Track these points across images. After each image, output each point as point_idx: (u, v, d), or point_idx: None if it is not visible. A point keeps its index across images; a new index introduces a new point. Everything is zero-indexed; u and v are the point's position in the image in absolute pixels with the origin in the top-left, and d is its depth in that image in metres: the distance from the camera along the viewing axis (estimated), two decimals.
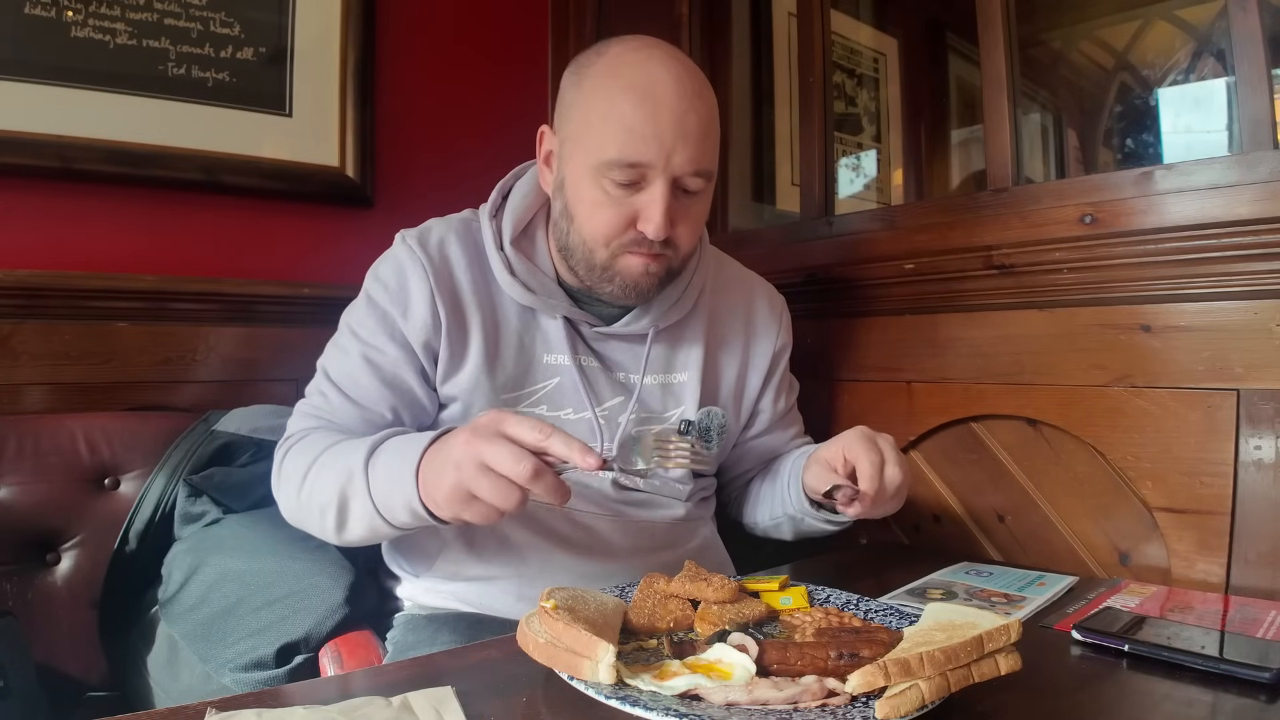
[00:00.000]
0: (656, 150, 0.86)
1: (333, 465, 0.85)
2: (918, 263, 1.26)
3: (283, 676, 0.92)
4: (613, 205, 0.90)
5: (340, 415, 0.95)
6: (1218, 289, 1.01)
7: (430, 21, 1.79)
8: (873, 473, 0.86)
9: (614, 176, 0.88)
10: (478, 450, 0.70)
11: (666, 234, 0.89)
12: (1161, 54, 2.07)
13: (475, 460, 0.70)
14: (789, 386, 1.19)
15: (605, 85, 0.89)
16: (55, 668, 1.17)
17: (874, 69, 2.25)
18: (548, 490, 0.71)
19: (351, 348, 0.96)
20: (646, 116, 0.86)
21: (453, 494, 0.72)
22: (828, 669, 0.66)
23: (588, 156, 0.89)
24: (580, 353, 1.01)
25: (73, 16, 1.37)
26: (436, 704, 0.60)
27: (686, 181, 0.89)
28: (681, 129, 0.87)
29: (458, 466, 0.71)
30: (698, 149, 0.88)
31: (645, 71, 0.88)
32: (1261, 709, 0.65)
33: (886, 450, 0.88)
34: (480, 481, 0.70)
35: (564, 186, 0.94)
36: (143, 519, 1.18)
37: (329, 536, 0.89)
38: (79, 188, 1.39)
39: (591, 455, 0.70)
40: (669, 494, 1.06)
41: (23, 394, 1.31)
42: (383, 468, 0.81)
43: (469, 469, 0.71)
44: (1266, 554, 0.97)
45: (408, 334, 0.95)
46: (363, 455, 0.82)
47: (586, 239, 0.93)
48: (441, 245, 0.98)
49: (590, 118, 0.90)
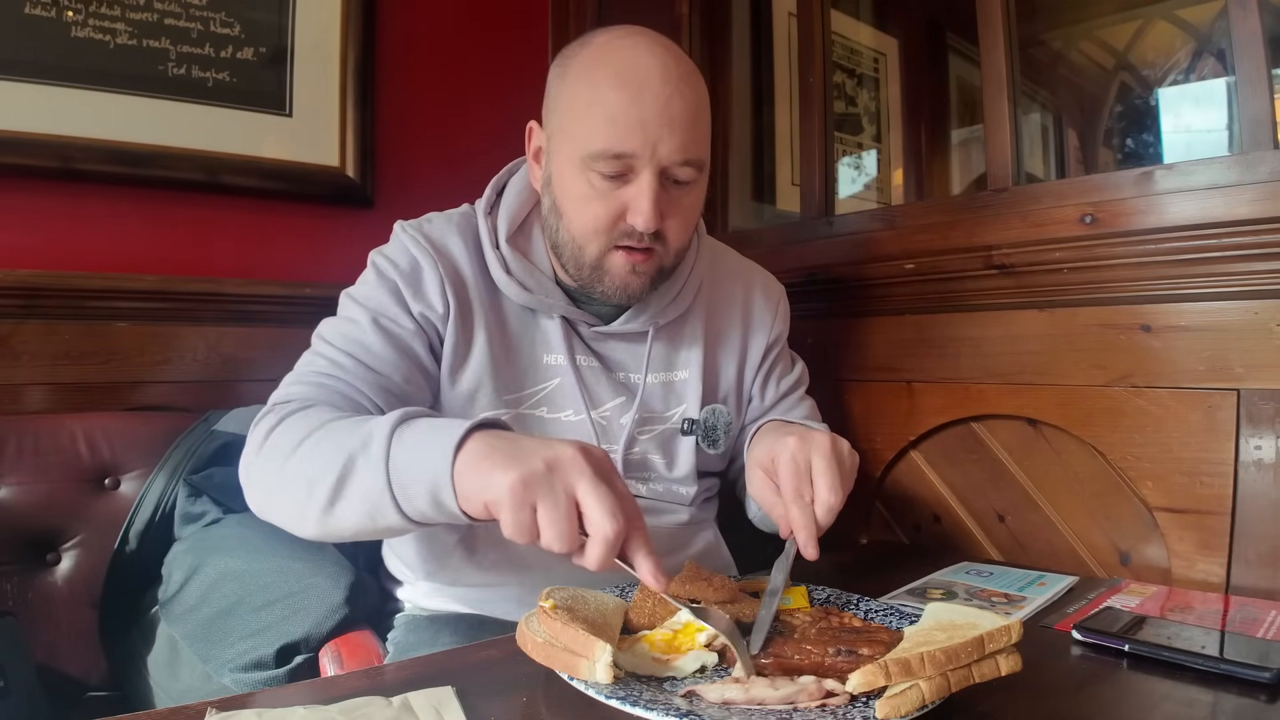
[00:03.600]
0: (641, 139, 0.84)
1: (343, 431, 0.74)
2: (918, 263, 1.26)
3: (283, 676, 0.92)
4: (600, 199, 0.87)
5: (352, 378, 0.86)
6: (1218, 289, 1.01)
7: (430, 22, 1.79)
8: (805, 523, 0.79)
9: (600, 169, 0.85)
10: (580, 473, 0.63)
11: (656, 226, 0.87)
12: (1162, 54, 2.07)
13: (568, 483, 0.62)
14: (784, 373, 1.14)
15: (589, 75, 0.87)
16: (55, 668, 1.17)
17: (874, 69, 2.25)
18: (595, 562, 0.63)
19: (360, 316, 0.91)
20: (630, 104, 0.83)
21: (520, 484, 0.62)
22: (825, 667, 0.66)
23: (573, 149, 0.87)
24: (578, 353, 0.99)
25: (73, 16, 1.37)
26: (437, 704, 0.60)
27: (675, 172, 0.87)
28: (667, 116, 0.84)
29: (550, 467, 0.62)
30: (685, 137, 0.85)
31: (629, 58, 0.85)
32: (1261, 709, 0.65)
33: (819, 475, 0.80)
34: (554, 503, 0.62)
35: (552, 182, 0.92)
36: (143, 519, 1.18)
37: (307, 520, 0.76)
38: (79, 188, 1.39)
39: (662, 578, 0.64)
40: (673, 500, 1.05)
41: (23, 394, 1.31)
42: (413, 438, 0.70)
43: (556, 483, 0.62)
44: (1267, 554, 0.97)
45: (418, 311, 0.92)
46: (391, 421, 0.71)
47: (575, 235, 0.90)
48: (443, 238, 0.96)
49: (575, 108, 0.88)
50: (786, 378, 1.14)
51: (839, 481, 0.80)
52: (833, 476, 0.79)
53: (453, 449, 0.66)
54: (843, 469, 0.81)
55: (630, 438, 1.00)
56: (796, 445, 0.82)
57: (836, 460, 0.81)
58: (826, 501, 0.79)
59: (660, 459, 1.03)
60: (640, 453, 1.02)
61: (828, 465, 0.80)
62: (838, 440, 0.84)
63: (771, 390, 1.13)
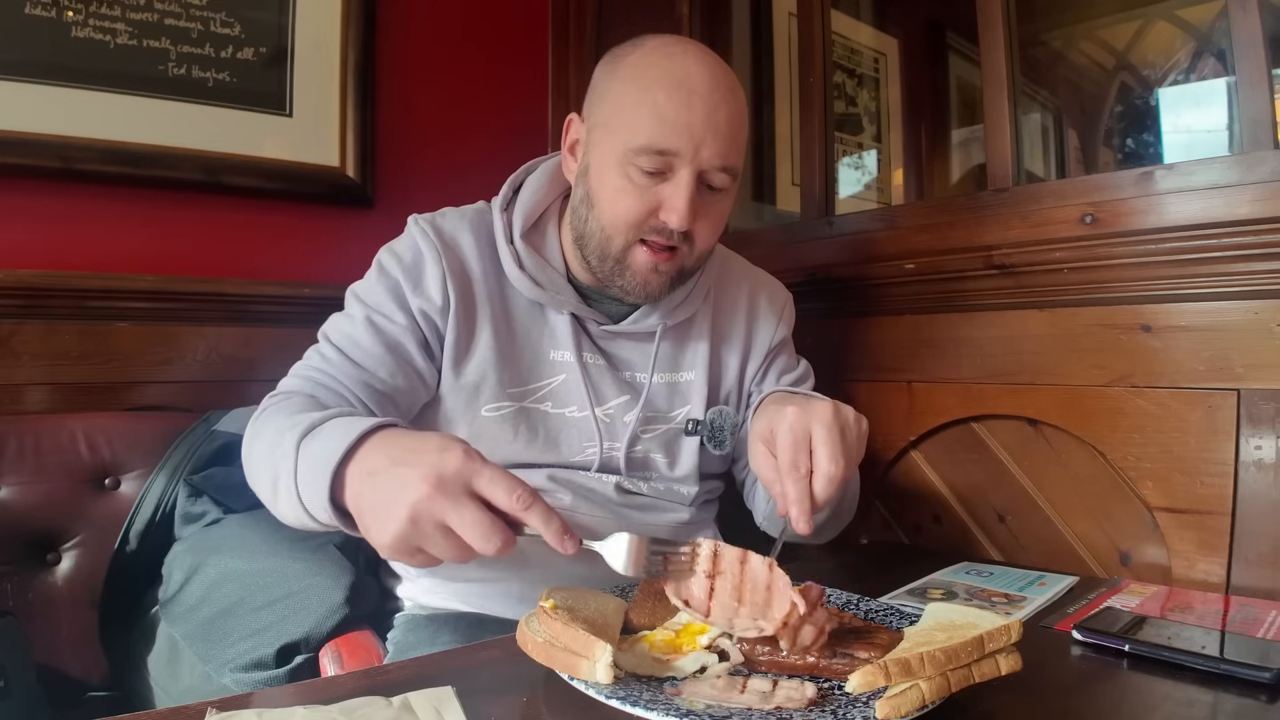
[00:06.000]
0: (686, 140, 0.87)
1: (281, 432, 0.76)
2: (918, 263, 1.26)
3: (283, 676, 0.92)
4: (637, 193, 0.90)
5: (338, 373, 0.91)
6: (1218, 289, 1.01)
7: (430, 22, 1.79)
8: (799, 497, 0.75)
9: (641, 164, 0.88)
10: (441, 511, 0.61)
11: (689, 226, 0.89)
12: (1162, 54, 2.07)
13: (436, 521, 0.62)
14: (787, 368, 1.14)
15: (640, 74, 0.90)
16: (55, 668, 1.17)
17: (874, 69, 2.25)
18: (501, 555, 0.63)
19: (356, 312, 0.95)
20: (680, 106, 0.87)
21: (399, 544, 0.63)
22: (819, 667, 0.66)
23: (616, 142, 0.90)
24: (585, 350, 1.01)
25: (73, 16, 1.37)
26: (437, 704, 0.60)
27: (712, 176, 0.90)
28: (713, 122, 0.87)
29: (414, 520, 0.61)
30: (727, 144, 0.89)
31: (681, 64, 0.89)
32: (1261, 709, 0.65)
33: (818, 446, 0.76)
34: (438, 541, 0.62)
35: (588, 173, 0.95)
36: (143, 519, 1.18)
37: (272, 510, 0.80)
38: (79, 188, 1.39)
39: (570, 540, 0.63)
40: (674, 499, 1.06)
41: (23, 394, 1.31)
42: (310, 456, 0.70)
43: (427, 528, 0.62)
44: (1267, 554, 0.97)
45: (415, 306, 0.95)
46: (299, 431, 0.72)
47: (605, 225, 0.92)
48: (454, 232, 0.99)
49: (623, 103, 0.90)
50: (789, 373, 1.14)
51: (840, 450, 0.76)
52: (834, 446, 0.76)
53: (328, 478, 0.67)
54: (846, 437, 0.78)
55: (633, 436, 1.02)
56: (795, 414, 0.79)
57: (839, 427, 0.77)
58: (826, 472, 0.76)
59: (662, 458, 1.04)
60: (643, 451, 1.03)
61: (828, 434, 0.76)
62: (841, 407, 0.80)
63: (771, 383, 1.12)
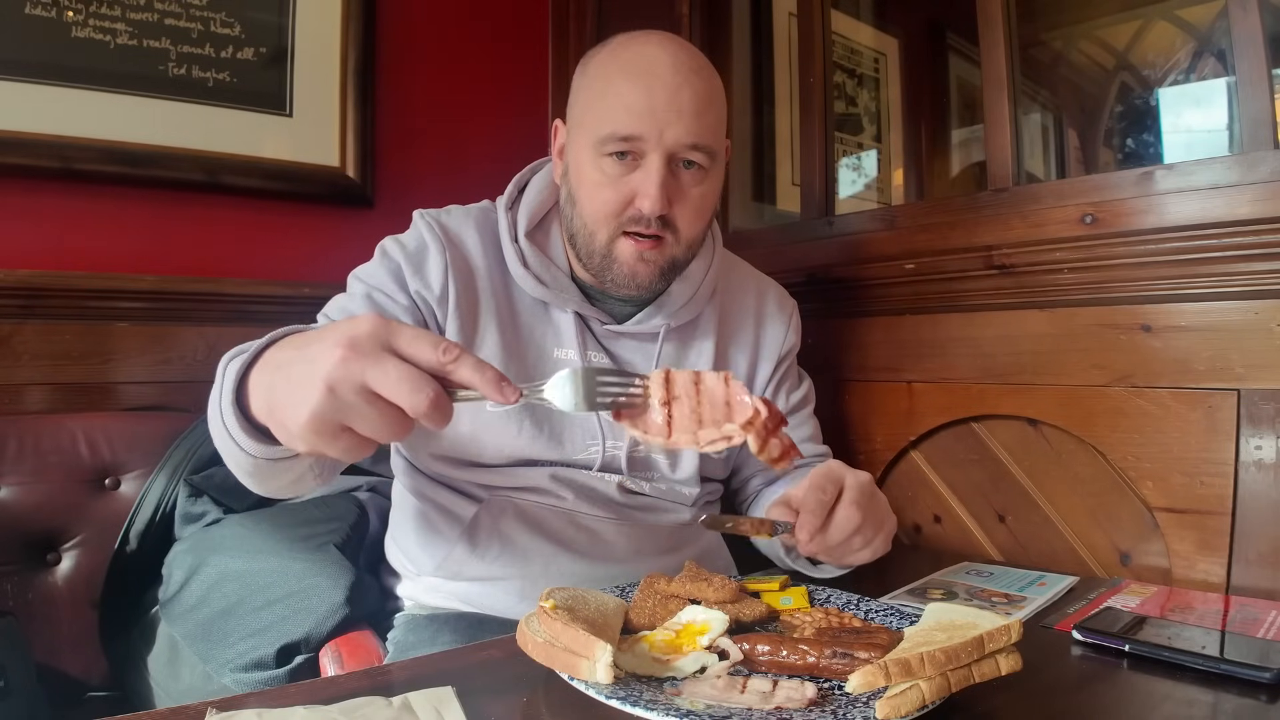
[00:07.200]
0: (650, 124, 0.88)
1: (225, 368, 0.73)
2: (918, 263, 1.26)
3: (283, 676, 0.92)
4: (611, 185, 0.91)
5: None
6: (1218, 289, 1.01)
7: (430, 22, 1.79)
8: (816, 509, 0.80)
9: (610, 153, 0.90)
10: (361, 371, 0.54)
11: (662, 210, 0.90)
12: (1162, 54, 2.07)
13: (356, 384, 0.54)
14: (794, 388, 1.17)
15: (605, 68, 0.93)
16: (55, 668, 1.17)
17: (874, 69, 2.25)
18: (439, 420, 0.55)
19: (356, 290, 0.96)
20: (640, 92, 0.88)
21: (317, 424, 0.55)
22: (819, 667, 0.66)
23: (587, 136, 0.92)
24: (590, 349, 1.01)
25: (73, 16, 1.37)
26: (437, 704, 0.60)
27: (683, 155, 0.90)
28: (676, 103, 0.88)
29: (331, 389, 0.54)
30: (694, 123, 0.89)
31: (642, 51, 0.91)
32: (1261, 709, 0.65)
33: (849, 490, 0.82)
34: (363, 412, 0.54)
35: (569, 172, 0.97)
36: (143, 519, 1.18)
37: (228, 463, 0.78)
38: (79, 188, 1.39)
39: (508, 388, 0.57)
40: (675, 499, 1.06)
41: (23, 394, 1.31)
42: (228, 377, 0.67)
43: (347, 393, 0.54)
44: (1267, 554, 0.97)
45: (414, 289, 0.96)
46: (226, 359, 0.70)
47: (587, 220, 0.94)
48: (459, 228, 1.00)
49: (590, 99, 0.93)
50: (795, 393, 1.17)
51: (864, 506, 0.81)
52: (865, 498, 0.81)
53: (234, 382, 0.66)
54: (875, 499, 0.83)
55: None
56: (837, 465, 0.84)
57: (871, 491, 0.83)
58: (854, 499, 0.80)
59: (664, 459, 1.04)
60: (644, 451, 1.03)
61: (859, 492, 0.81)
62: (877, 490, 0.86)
63: (780, 404, 1.14)
